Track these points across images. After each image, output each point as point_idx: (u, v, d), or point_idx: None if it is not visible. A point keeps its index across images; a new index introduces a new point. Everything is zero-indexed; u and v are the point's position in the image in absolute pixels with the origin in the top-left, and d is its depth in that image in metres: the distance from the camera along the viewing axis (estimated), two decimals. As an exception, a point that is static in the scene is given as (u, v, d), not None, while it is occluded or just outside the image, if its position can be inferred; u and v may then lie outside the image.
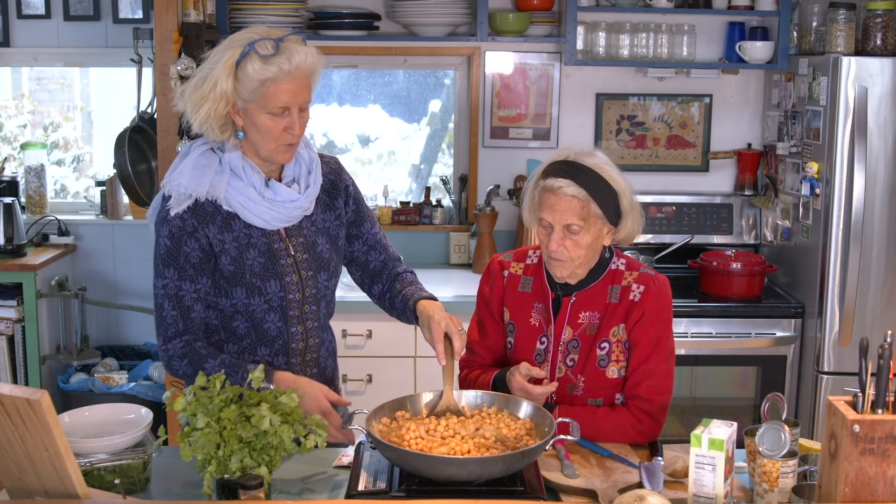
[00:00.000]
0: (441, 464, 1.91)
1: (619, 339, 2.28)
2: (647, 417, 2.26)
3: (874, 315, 3.64)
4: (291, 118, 2.07)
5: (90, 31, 4.24)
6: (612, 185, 2.20)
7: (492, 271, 2.42)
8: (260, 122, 2.07)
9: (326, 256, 2.29)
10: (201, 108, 2.05)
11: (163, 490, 2.06)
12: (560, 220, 2.19)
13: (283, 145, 2.11)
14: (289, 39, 2.05)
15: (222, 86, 2.02)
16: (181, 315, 2.14)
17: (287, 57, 2.02)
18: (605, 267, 2.30)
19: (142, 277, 4.39)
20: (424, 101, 4.63)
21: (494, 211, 4.15)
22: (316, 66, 2.08)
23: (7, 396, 1.69)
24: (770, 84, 4.19)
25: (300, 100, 2.07)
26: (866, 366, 1.81)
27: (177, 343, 2.14)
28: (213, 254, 2.16)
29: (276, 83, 2.03)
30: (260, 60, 2.01)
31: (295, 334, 2.26)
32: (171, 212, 2.12)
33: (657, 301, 2.27)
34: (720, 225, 4.24)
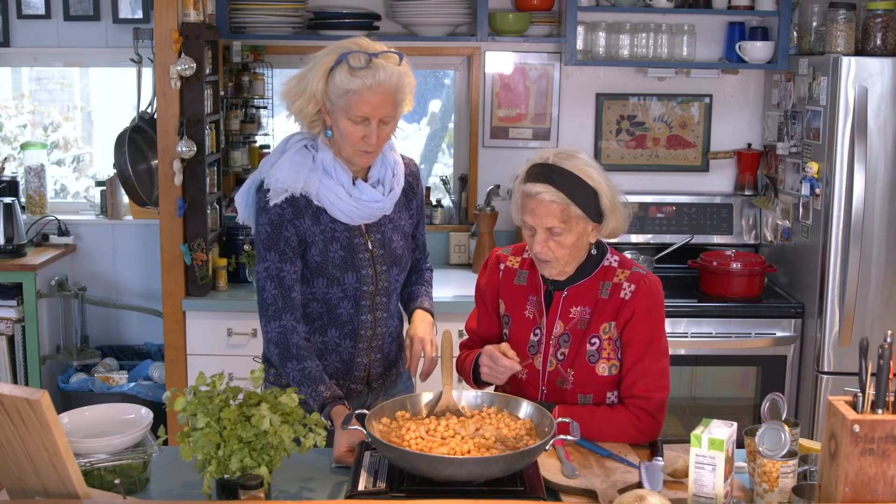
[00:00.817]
0: (441, 464, 1.91)
1: (609, 337, 2.29)
2: (645, 415, 2.26)
3: (874, 315, 3.64)
4: (370, 128, 2.20)
5: (90, 31, 4.24)
6: (590, 185, 2.21)
7: (489, 264, 2.47)
8: (342, 125, 2.21)
9: (399, 253, 2.42)
10: (295, 103, 2.23)
11: (163, 490, 2.06)
12: (542, 224, 2.22)
13: (360, 150, 2.24)
14: (384, 56, 2.18)
15: (313, 87, 2.19)
16: (281, 294, 2.26)
17: (373, 72, 2.15)
18: (598, 263, 2.33)
19: (142, 277, 4.39)
20: (424, 101, 4.63)
21: (494, 211, 4.15)
22: (401, 84, 2.19)
23: (7, 396, 1.69)
24: (770, 84, 4.19)
25: (380, 113, 2.19)
26: (866, 366, 1.81)
27: (275, 326, 2.27)
28: (306, 243, 2.30)
29: (359, 95, 2.16)
30: (348, 71, 2.15)
31: (364, 322, 2.39)
32: (271, 202, 2.25)
33: (648, 300, 2.28)
34: (720, 225, 4.24)
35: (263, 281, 2.27)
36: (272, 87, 4.23)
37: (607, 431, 2.25)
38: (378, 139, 2.22)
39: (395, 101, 2.20)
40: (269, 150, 4.23)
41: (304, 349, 2.29)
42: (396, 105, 2.21)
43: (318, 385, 2.25)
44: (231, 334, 3.67)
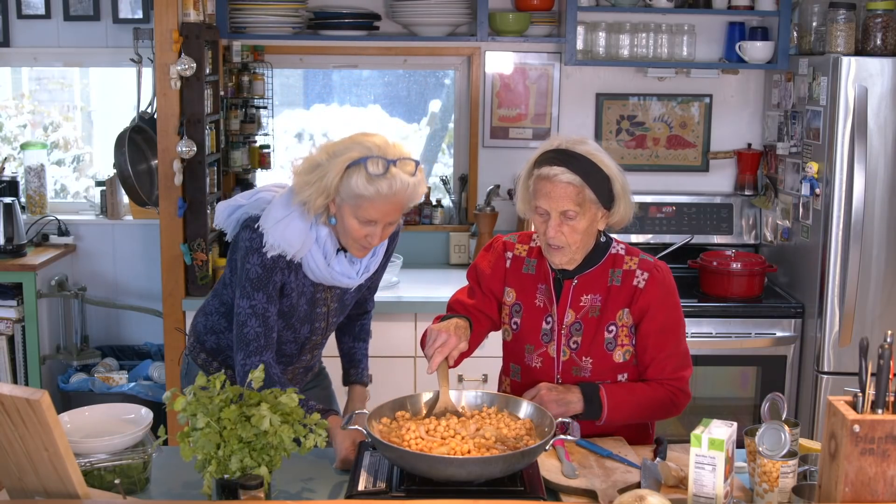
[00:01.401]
0: (441, 464, 1.91)
1: (624, 324, 2.31)
2: (679, 392, 2.33)
3: (874, 315, 3.64)
4: (375, 230, 2.23)
5: (90, 31, 4.23)
6: (603, 171, 2.23)
7: (494, 249, 2.44)
8: (348, 222, 2.22)
9: (348, 303, 2.50)
10: (305, 190, 2.20)
11: (163, 490, 2.06)
12: (557, 207, 2.21)
13: (359, 245, 2.27)
14: (402, 164, 2.18)
15: (328, 182, 2.17)
16: (265, 332, 2.28)
17: (389, 182, 2.15)
18: (605, 251, 2.33)
19: (142, 277, 4.39)
20: (424, 101, 4.63)
21: (494, 211, 4.15)
22: (414, 195, 2.22)
23: (7, 396, 1.69)
24: (770, 84, 4.19)
25: (388, 218, 2.22)
26: (866, 366, 1.81)
27: (255, 360, 2.27)
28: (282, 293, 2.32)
29: (372, 201, 2.17)
30: (366, 178, 2.15)
31: (303, 360, 2.51)
32: (268, 254, 2.25)
33: (663, 288, 2.30)
34: (720, 225, 4.24)
35: (247, 317, 2.27)
36: (272, 87, 4.23)
37: (649, 409, 2.30)
38: (380, 238, 2.27)
39: (404, 207, 2.24)
40: (269, 150, 4.23)
41: (281, 378, 2.32)
42: (403, 210, 2.25)
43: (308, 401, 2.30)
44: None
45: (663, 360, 2.32)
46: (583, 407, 2.25)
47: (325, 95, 4.61)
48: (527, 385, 2.36)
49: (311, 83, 4.64)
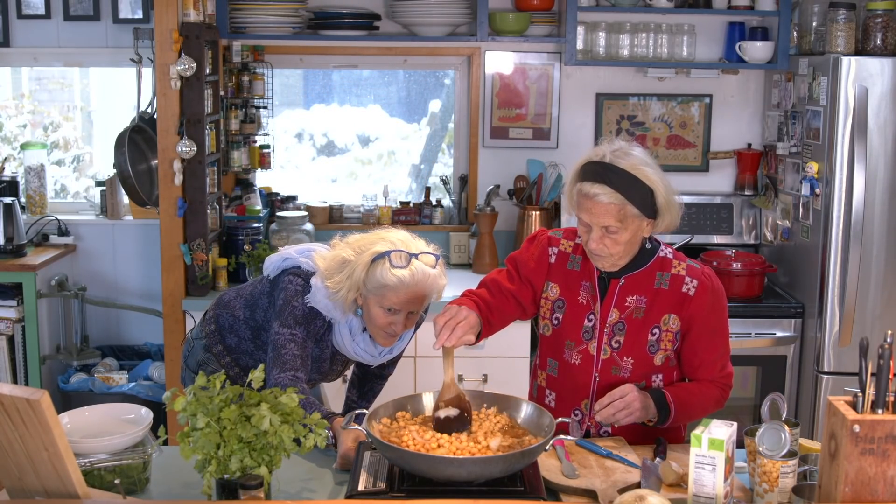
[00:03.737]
0: (441, 464, 1.91)
1: (669, 329, 2.32)
2: (728, 388, 2.40)
3: (874, 315, 3.64)
4: (398, 318, 2.36)
5: (90, 31, 4.23)
6: (647, 185, 2.22)
7: (538, 243, 2.44)
8: (373, 311, 2.37)
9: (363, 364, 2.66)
10: (339, 292, 2.36)
11: (163, 490, 2.06)
12: (598, 223, 2.23)
13: (384, 332, 2.40)
14: (423, 257, 2.34)
15: (357, 276, 2.34)
16: (301, 356, 2.39)
17: (412, 273, 2.31)
18: (653, 253, 2.34)
19: (142, 277, 4.39)
20: (424, 101, 4.63)
21: (494, 211, 4.15)
22: (435, 287, 2.36)
23: (7, 396, 1.69)
24: (770, 84, 4.19)
25: (410, 307, 2.35)
26: (866, 366, 1.81)
27: (288, 375, 2.35)
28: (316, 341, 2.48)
29: (395, 291, 2.31)
30: (389, 268, 2.30)
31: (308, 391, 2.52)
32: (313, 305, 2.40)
33: (713, 294, 2.33)
34: (720, 225, 4.24)
35: (286, 341, 2.38)
36: (272, 87, 4.23)
37: (705, 408, 2.34)
38: (403, 327, 2.38)
39: (426, 298, 2.37)
40: (269, 150, 4.24)
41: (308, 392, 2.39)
42: (425, 301, 2.37)
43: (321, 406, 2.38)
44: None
45: (713, 361, 2.36)
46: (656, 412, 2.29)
47: (325, 95, 4.61)
48: (564, 381, 2.37)
49: (311, 83, 4.64)
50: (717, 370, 2.37)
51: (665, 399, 2.28)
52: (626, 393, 2.23)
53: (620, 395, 2.22)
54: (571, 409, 2.36)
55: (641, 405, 2.23)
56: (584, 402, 2.36)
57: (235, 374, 2.58)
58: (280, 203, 4.33)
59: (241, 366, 2.58)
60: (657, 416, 2.28)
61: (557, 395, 2.38)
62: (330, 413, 2.32)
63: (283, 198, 4.36)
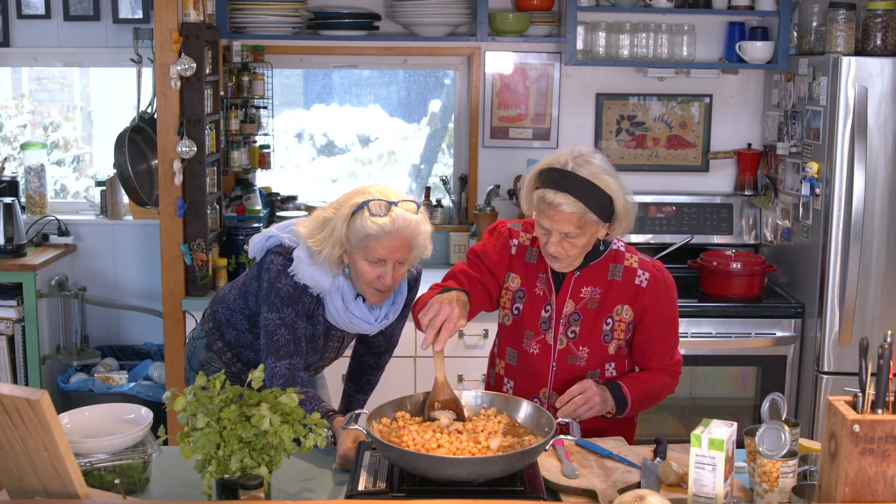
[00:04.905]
0: (441, 464, 1.91)
1: (622, 319, 2.39)
2: (678, 375, 2.49)
3: (874, 315, 3.64)
4: (386, 269, 2.32)
5: (90, 31, 4.23)
6: (606, 192, 2.27)
7: (499, 235, 2.48)
8: (359, 265, 2.33)
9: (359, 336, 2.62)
10: (323, 250, 2.33)
11: (163, 490, 2.06)
12: (558, 229, 2.27)
13: (373, 288, 2.35)
14: (403, 204, 2.30)
15: (338, 231, 2.31)
16: (294, 340, 2.37)
17: (392, 220, 2.27)
18: (607, 246, 2.40)
19: (142, 277, 4.39)
20: (424, 101, 4.63)
21: (494, 211, 4.15)
22: (417, 232, 2.31)
23: (7, 396, 1.69)
24: (770, 84, 4.19)
25: (396, 256, 2.31)
26: (866, 366, 1.81)
27: (285, 364, 2.35)
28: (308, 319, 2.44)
29: (378, 239, 2.27)
30: (369, 217, 2.27)
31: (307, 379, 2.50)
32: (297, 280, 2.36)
33: (664, 285, 2.40)
34: (720, 225, 4.24)
35: (276, 327, 2.36)
36: (272, 87, 4.23)
37: (658, 395, 2.43)
38: (392, 280, 2.33)
39: (411, 245, 2.32)
40: (269, 150, 4.23)
41: (305, 380, 2.40)
42: (411, 249, 2.33)
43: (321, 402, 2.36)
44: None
45: (665, 350, 2.45)
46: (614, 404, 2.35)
47: (325, 95, 4.61)
48: (523, 369, 2.43)
49: (311, 83, 4.64)
50: (668, 359, 2.46)
51: (621, 390, 2.36)
52: (586, 388, 2.30)
53: (580, 391, 2.30)
54: (530, 398, 2.38)
55: (601, 399, 2.31)
56: (543, 391, 2.42)
57: (238, 370, 2.58)
58: (280, 203, 4.33)
59: (243, 361, 2.58)
60: (615, 408, 2.35)
61: (516, 383, 2.45)
62: (330, 411, 2.32)
63: (283, 198, 4.36)
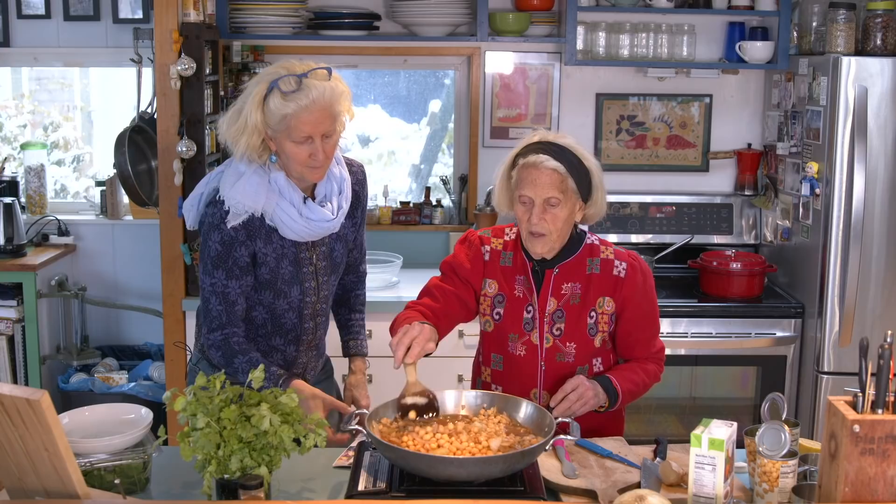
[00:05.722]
0: (441, 464, 1.91)
1: (604, 311, 2.41)
2: (662, 362, 2.51)
3: (874, 315, 3.64)
4: (315, 146, 2.23)
5: (90, 31, 4.24)
6: (584, 163, 2.33)
7: (470, 243, 2.49)
8: (287, 148, 2.24)
9: (339, 261, 2.49)
10: (240, 142, 2.24)
11: (163, 490, 2.06)
12: (541, 194, 2.29)
13: (309, 167, 2.27)
14: (313, 74, 2.21)
15: (252, 119, 2.21)
16: (226, 310, 2.32)
17: (305, 93, 2.18)
18: (581, 241, 2.43)
19: (142, 277, 4.39)
20: (424, 101, 4.63)
21: (494, 211, 4.15)
22: (335, 98, 2.22)
23: (7, 396, 1.69)
24: (770, 84, 4.19)
25: (321, 129, 2.22)
26: (866, 366, 1.81)
27: (217, 335, 2.32)
28: (256, 263, 2.35)
29: (297, 117, 2.19)
30: (281, 97, 2.18)
31: (307, 329, 2.47)
32: (228, 224, 2.28)
33: (642, 275, 2.43)
34: (720, 225, 4.24)
35: (209, 294, 2.31)
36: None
37: (646, 384, 2.44)
38: (324, 154, 2.25)
39: (333, 114, 2.23)
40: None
41: (244, 344, 2.34)
42: (334, 118, 2.24)
43: (270, 367, 2.31)
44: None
45: (648, 339, 2.47)
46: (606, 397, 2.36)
47: (325, 95, 4.60)
48: (511, 373, 2.42)
49: (311, 83, 4.63)
50: (651, 347, 2.47)
51: (611, 383, 2.37)
52: (578, 385, 2.31)
53: (573, 388, 2.30)
54: None
55: (593, 393, 2.32)
56: (533, 392, 2.41)
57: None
58: (280, 203, 4.32)
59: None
60: (607, 401, 2.36)
61: (504, 388, 2.43)
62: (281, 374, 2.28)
63: (283, 198, 4.35)
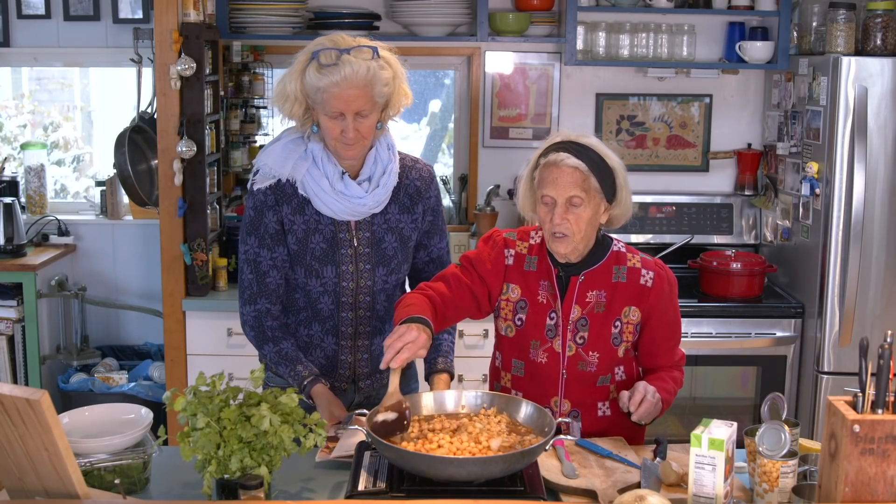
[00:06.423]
0: (441, 464, 1.91)
1: (629, 321, 2.36)
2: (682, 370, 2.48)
3: (874, 315, 3.64)
4: (346, 123, 2.21)
5: (90, 31, 4.23)
6: (607, 163, 2.29)
7: (494, 244, 2.43)
8: (322, 121, 2.24)
9: (390, 254, 2.41)
10: (284, 107, 2.25)
11: (163, 490, 2.06)
12: (563, 194, 2.25)
13: (342, 143, 2.25)
14: (356, 52, 2.18)
15: (291, 88, 2.22)
16: (256, 279, 2.33)
17: (340, 69, 2.15)
18: (608, 248, 2.38)
19: (142, 277, 4.39)
20: (424, 101, 4.63)
21: (494, 211, 4.15)
22: (373, 78, 2.19)
23: (7, 396, 1.69)
24: (770, 84, 4.19)
25: (354, 107, 2.19)
26: (866, 366, 1.81)
27: (250, 310, 2.35)
28: (284, 230, 2.34)
29: (329, 91, 2.17)
30: (317, 69, 2.17)
31: (345, 319, 2.41)
32: (255, 186, 2.31)
33: (668, 284, 2.39)
34: (720, 225, 4.24)
35: (242, 263, 2.34)
36: (272, 87, 4.22)
37: (675, 392, 2.40)
38: (355, 133, 2.22)
39: (369, 94, 2.20)
40: (269, 149, 4.23)
41: (278, 331, 2.35)
42: (372, 98, 2.21)
43: (297, 365, 2.32)
44: (231, 334, 3.67)
45: (671, 348, 2.44)
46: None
47: (325, 95, 4.60)
48: (532, 380, 2.37)
49: (311, 83, 4.64)
50: (674, 356, 2.45)
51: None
52: (648, 389, 2.27)
53: (644, 392, 2.26)
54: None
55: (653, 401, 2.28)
56: (554, 400, 2.37)
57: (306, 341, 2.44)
58: (280, 203, 4.32)
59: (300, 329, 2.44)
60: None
61: (524, 394, 2.37)
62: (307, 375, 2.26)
63: (283, 198, 4.35)
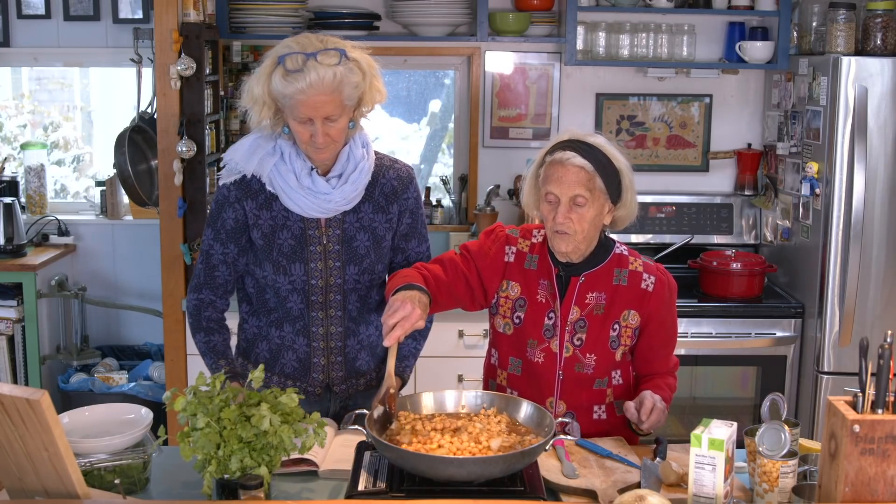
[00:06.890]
0: (441, 464, 1.90)
1: (628, 325, 2.35)
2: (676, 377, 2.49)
3: (874, 315, 3.64)
4: (315, 128, 2.17)
5: (90, 31, 4.24)
6: (614, 163, 2.28)
7: (496, 238, 2.42)
8: (291, 125, 2.21)
9: (362, 252, 2.36)
10: (253, 110, 2.22)
11: (163, 490, 2.06)
12: (567, 192, 2.24)
13: (313, 148, 2.22)
14: (323, 55, 2.12)
15: (256, 92, 2.18)
16: (205, 270, 2.36)
17: (305, 75, 2.10)
18: (610, 250, 2.37)
19: (142, 277, 4.39)
20: (424, 101, 4.63)
21: (494, 211, 4.15)
22: (339, 83, 2.13)
23: (7, 396, 1.69)
24: (770, 84, 4.19)
25: (322, 113, 2.15)
26: (866, 366, 1.81)
27: (192, 297, 2.36)
28: (248, 226, 2.32)
29: (295, 98, 2.13)
30: (283, 74, 2.12)
31: (315, 319, 2.38)
32: (221, 181, 2.32)
33: (668, 290, 2.39)
34: (720, 225, 4.24)
35: (200, 252, 2.36)
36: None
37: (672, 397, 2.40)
38: (325, 138, 2.18)
39: (338, 99, 2.15)
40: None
41: (215, 323, 2.36)
42: (341, 103, 2.16)
43: (220, 359, 2.32)
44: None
45: (668, 354, 2.45)
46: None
47: (325, 95, 4.60)
48: (528, 379, 2.37)
49: (311, 83, 4.64)
50: (669, 362, 2.46)
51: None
52: (655, 398, 2.27)
53: (653, 401, 2.25)
54: None
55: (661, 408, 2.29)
56: (549, 400, 2.36)
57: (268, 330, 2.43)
58: (280, 203, 4.33)
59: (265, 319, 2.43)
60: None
61: (520, 393, 2.36)
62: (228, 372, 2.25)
63: (283, 198, 4.36)
